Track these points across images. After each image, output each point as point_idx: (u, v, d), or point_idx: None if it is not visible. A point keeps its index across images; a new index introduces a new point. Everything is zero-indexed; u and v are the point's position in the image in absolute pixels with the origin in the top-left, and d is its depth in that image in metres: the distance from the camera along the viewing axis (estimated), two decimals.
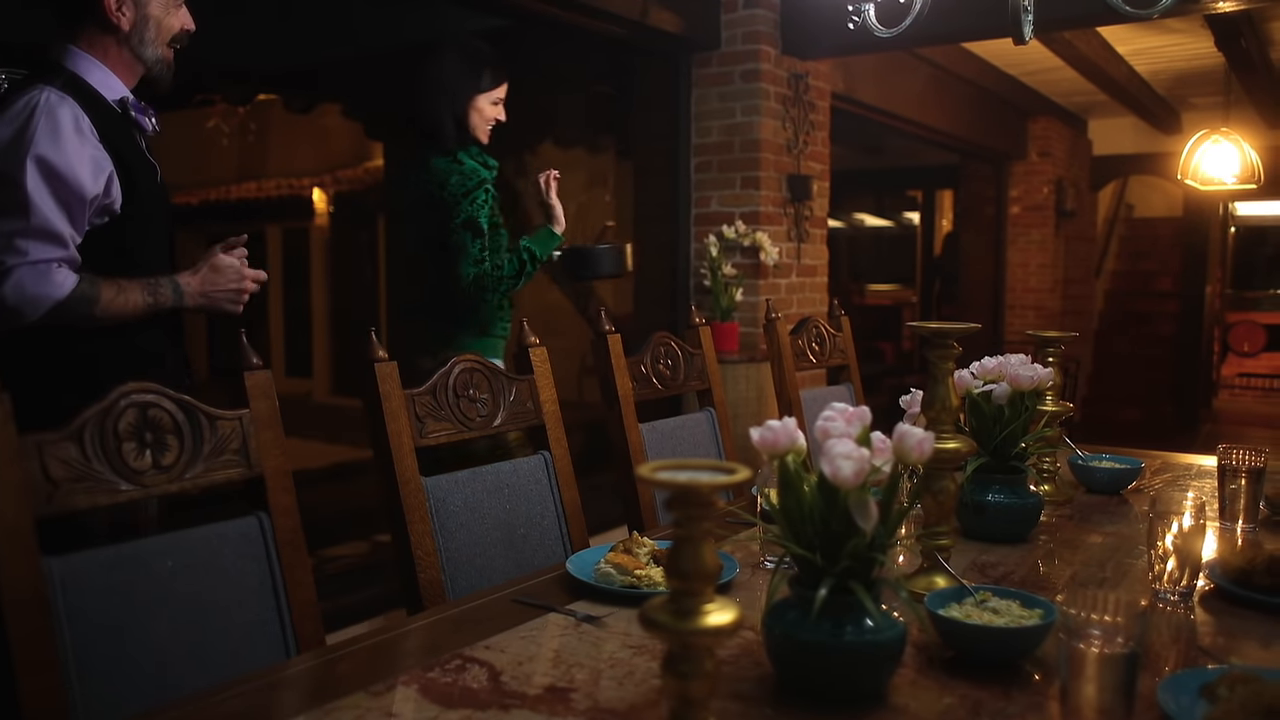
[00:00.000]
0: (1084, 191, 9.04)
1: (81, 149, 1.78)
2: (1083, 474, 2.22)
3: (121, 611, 1.28)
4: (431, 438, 1.75)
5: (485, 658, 1.26)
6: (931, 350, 1.48)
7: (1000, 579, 1.59)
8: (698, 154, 4.69)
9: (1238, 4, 3.91)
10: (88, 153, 1.79)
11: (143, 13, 1.90)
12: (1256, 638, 1.36)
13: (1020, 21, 1.78)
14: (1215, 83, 6.75)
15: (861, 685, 1.14)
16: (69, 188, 1.77)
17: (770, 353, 2.72)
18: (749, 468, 0.90)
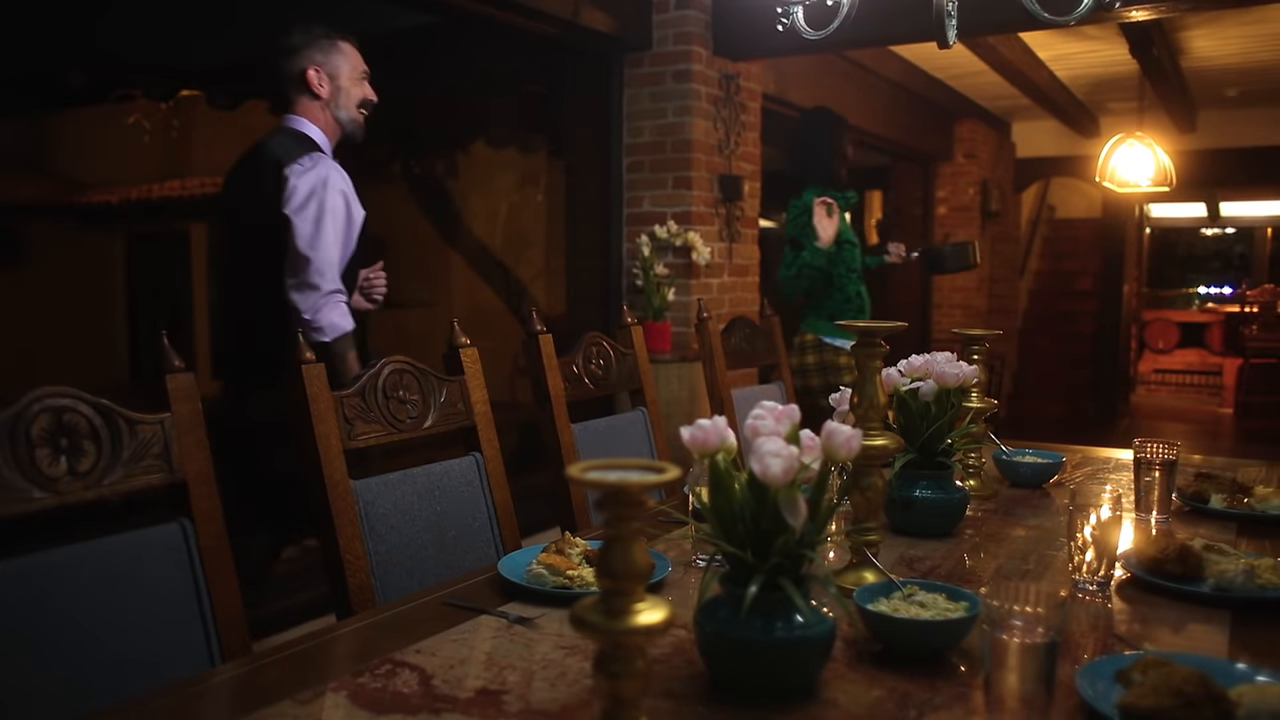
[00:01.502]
0: (1008, 193, 9.25)
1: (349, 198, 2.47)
2: (1007, 469, 2.27)
3: (35, 623, 1.24)
4: (360, 440, 1.73)
5: (416, 661, 1.25)
6: (859, 349, 1.50)
7: (927, 573, 1.62)
8: (630, 154, 4.70)
9: (1149, 14, 4.03)
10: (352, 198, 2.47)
11: (336, 84, 2.54)
12: (1169, 623, 1.41)
13: (944, 26, 1.81)
14: (1130, 89, 6.97)
15: (792, 680, 1.15)
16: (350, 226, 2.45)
17: (702, 352, 2.74)
18: (679, 467, 0.90)
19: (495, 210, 5.75)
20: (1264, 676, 1.14)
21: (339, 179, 2.43)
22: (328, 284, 2.39)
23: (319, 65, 2.53)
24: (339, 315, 2.40)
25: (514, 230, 5.76)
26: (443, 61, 5.02)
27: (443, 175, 5.84)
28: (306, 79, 2.51)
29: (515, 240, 5.73)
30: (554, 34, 4.20)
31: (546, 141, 5.57)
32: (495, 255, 5.74)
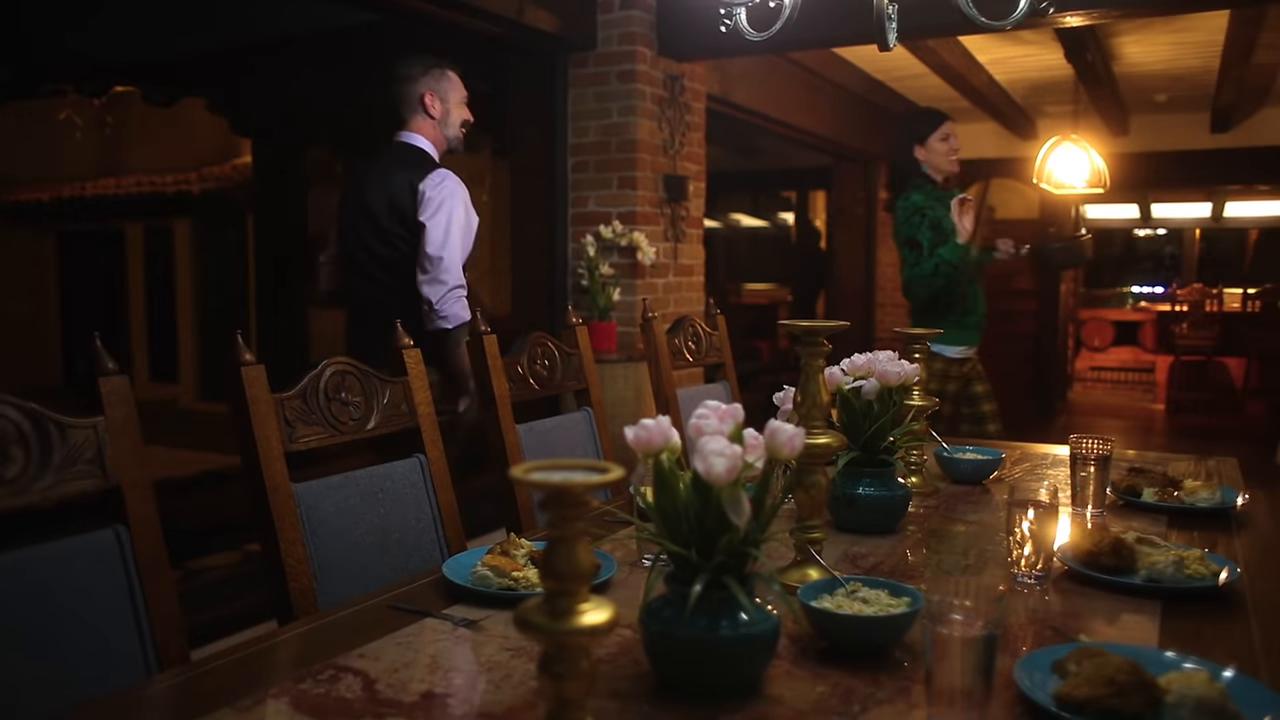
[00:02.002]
0: None
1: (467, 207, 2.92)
2: (948, 466, 2.31)
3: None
4: (302, 443, 1.70)
5: (359, 666, 1.24)
6: (802, 348, 1.52)
7: (870, 569, 1.64)
8: (575, 154, 4.69)
9: (1083, 19, 4.12)
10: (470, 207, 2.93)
11: (446, 107, 3.03)
12: (1103, 615, 1.44)
13: (884, 29, 1.83)
14: (1065, 92, 7.12)
15: (737, 678, 1.16)
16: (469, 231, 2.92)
17: (647, 352, 2.74)
18: (625, 467, 0.90)
19: None
20: (1190, 664, 1.17)
21: (461, 191, 2.90)
22: (453, 280, 2.84)
23: (433, 90, 3.02)
24: (460, 307, 2.86)
25: None
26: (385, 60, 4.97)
27: None
28: (424, 102, 3.02)
29: None
30: (498, 33, 4.18)
31: (491, 141, 5.54)
32: None
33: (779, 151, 8.64)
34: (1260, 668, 1.24)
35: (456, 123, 3.06)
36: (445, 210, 2.85)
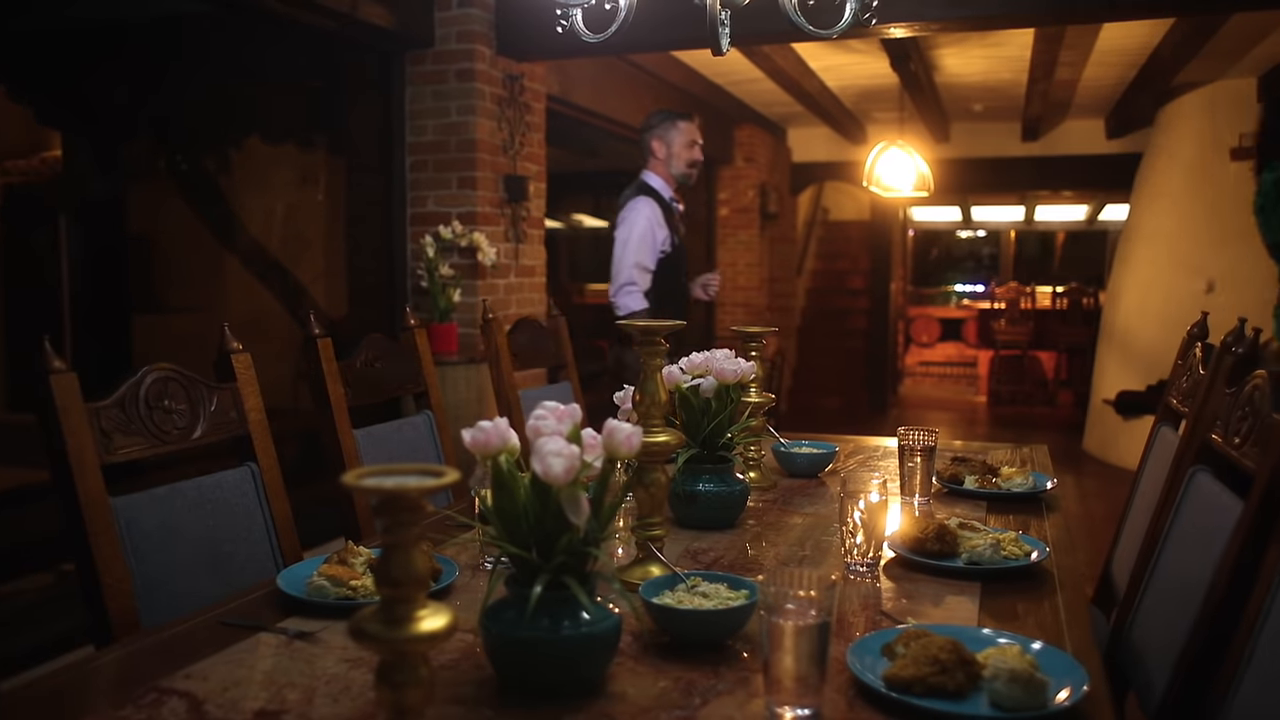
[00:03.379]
0: (785, 196, 9.68)
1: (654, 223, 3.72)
2: (784, 460, 2.38)
3: None
4: (120, 454, 1.61)
5: (185, 688, 1.18)
6: (640, 348, 1.53)
7: (711, 564, 1.67)
8: (413, 153, 4.60)
9: (905, 31, 4.32)
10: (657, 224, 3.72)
11: (671, 151, 3.84)
12: (930, 598, 1.51)
13: (717, 34, 1.87)
14: (892, 100, 7.45)
15: (580, 677, 1.16)
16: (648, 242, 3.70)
17: (488, 353, 2.72)
18: (465, 469, 0.89)
19: (272, 209, 5.49)
20: (1005, 639, 1.25)
21: (644, 211, 3.73)
22: (623, 278, 3.71)
23: (660, 138, 3.85)
24: (628, 299, 3.69)
25: (292, 230, 5.53)
26: (214, 52, 4.76)
27: (214, 172, 5.53)
28: (653, 148, 3.86)
29: (294, 241, 5.49)
30: (332, 27, 4.06)
31: (326, 139, 5.37)
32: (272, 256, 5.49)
33: (621, 152, 8.70)
34: (1065, 638, 1.33)
35: (682, 163, 3.86)
36: (626, 226, 3.73)
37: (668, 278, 3.80)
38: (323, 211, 5.25)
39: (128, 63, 4.93)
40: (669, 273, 3.80)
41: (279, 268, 5.44)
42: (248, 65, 4.92)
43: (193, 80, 4.92)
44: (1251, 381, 1.65)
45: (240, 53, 4.81)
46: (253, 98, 5.23)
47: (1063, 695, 1.10)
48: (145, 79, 5.01)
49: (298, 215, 5.43)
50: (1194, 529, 1.73)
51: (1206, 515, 1.67)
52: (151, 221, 5.10)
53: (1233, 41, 5.76)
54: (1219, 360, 1.90)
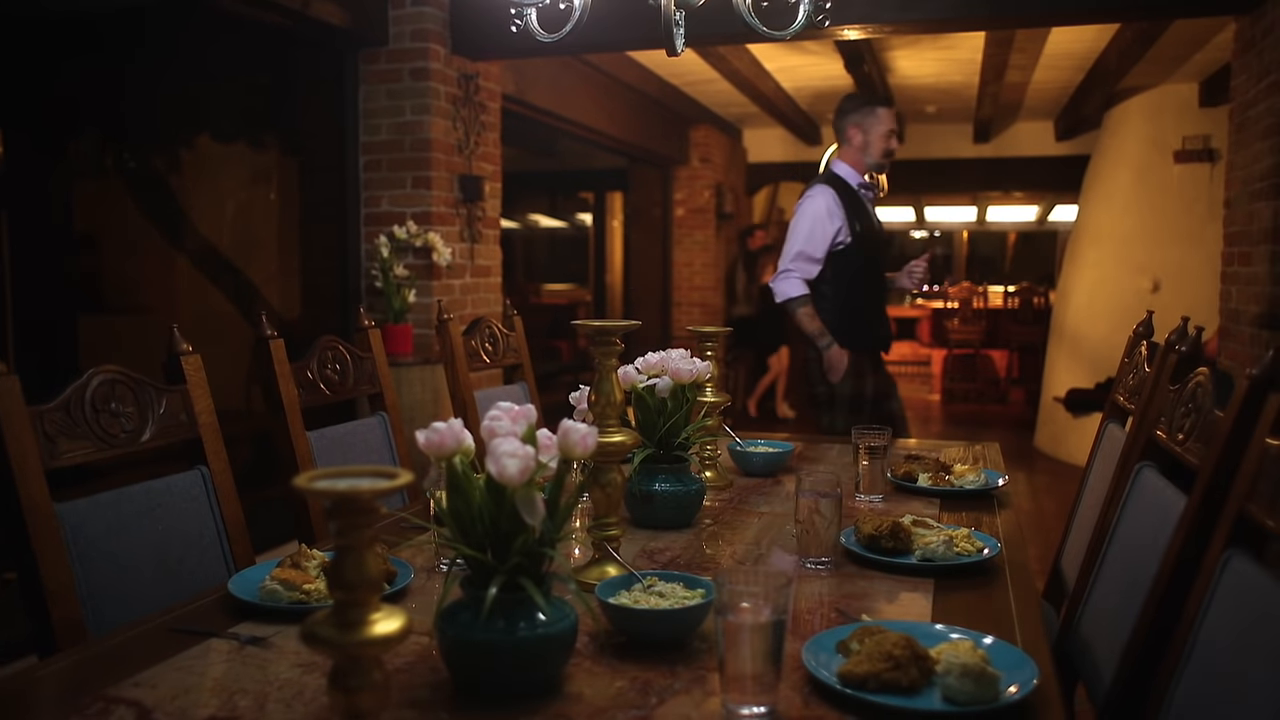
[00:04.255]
0: (741, 196, 9.73)
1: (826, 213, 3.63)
2: (740, 459, 2.39)
3: None
4: (66, 458, 1.58)
5: (134, 696, 1.16)
6: (596, 347, 1.53)
7: (667, 564, 1.68)
8: (367, 152, 4.56)
9: (858, 33, 4.37)
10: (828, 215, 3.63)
11: (868, 139, 3.72)
12: (883, 595, 1.53)
13: (672, 35, 1.87)
14: None
15: (537, 678, 1.16)
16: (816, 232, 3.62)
17: (443, 354, 2.70)
18: (418, 471, 0.89)
19: (223, 209, 5.41)
20: (957, 634, 1.27)
21: (819, 200, 3.65)
22: (785, 264, 3.68)
23: (858, 125, 3.72)
24: (789, 285, 3.66)
25: (244, 230, 5.45)
26: (164, 48, 4.68)
27: (163, 171, 5.44)
28: (848, 134, 3.75)
29: (246, 241, 5.42)
30: (285, 24, 4.01)
31: (278, 138, 5.31)
32: (224, 256, 5.41)
33: (577, 152, 8.70)
34: (1016, 632, 1.35)
35: (878, 152, 3.73)
36: (796, 214, 3.70)
37: (855, 267, 3.68)
38: (275, 211, 5.19)
39: (73, 57, 4.83)
40: (855, 261, 3.68)
41: (230, 268, 5.36)
42: (198, 62, 4.85)
43: (141, 76, 4.84)
44: (1194, 379, 1.69)
45: (190, 49, 4.74)
46: (203, 95, 5.15)
47: (1013, 689, 1.12)
48: (92, 74, 4.92)
49: (250, 215, 5.36)
50: (1140, 524, 1.76)
51: (1152, 510, 1.71)
52: (98, 220, 5.01)
53: (1175, 48, 5.89)
54: (1163, 358, 1.94)
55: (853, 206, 3.67)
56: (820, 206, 3.64)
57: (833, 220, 3.62)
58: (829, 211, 3.63)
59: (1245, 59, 3.96)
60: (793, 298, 3.66)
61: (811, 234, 3.63)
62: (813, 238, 3.63)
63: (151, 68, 4.80)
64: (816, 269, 3.65)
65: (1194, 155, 6.89)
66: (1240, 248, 3.96)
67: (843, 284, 3.68)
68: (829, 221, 3.62)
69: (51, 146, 5.29)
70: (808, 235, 3.64)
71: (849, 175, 3.74)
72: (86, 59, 4.86)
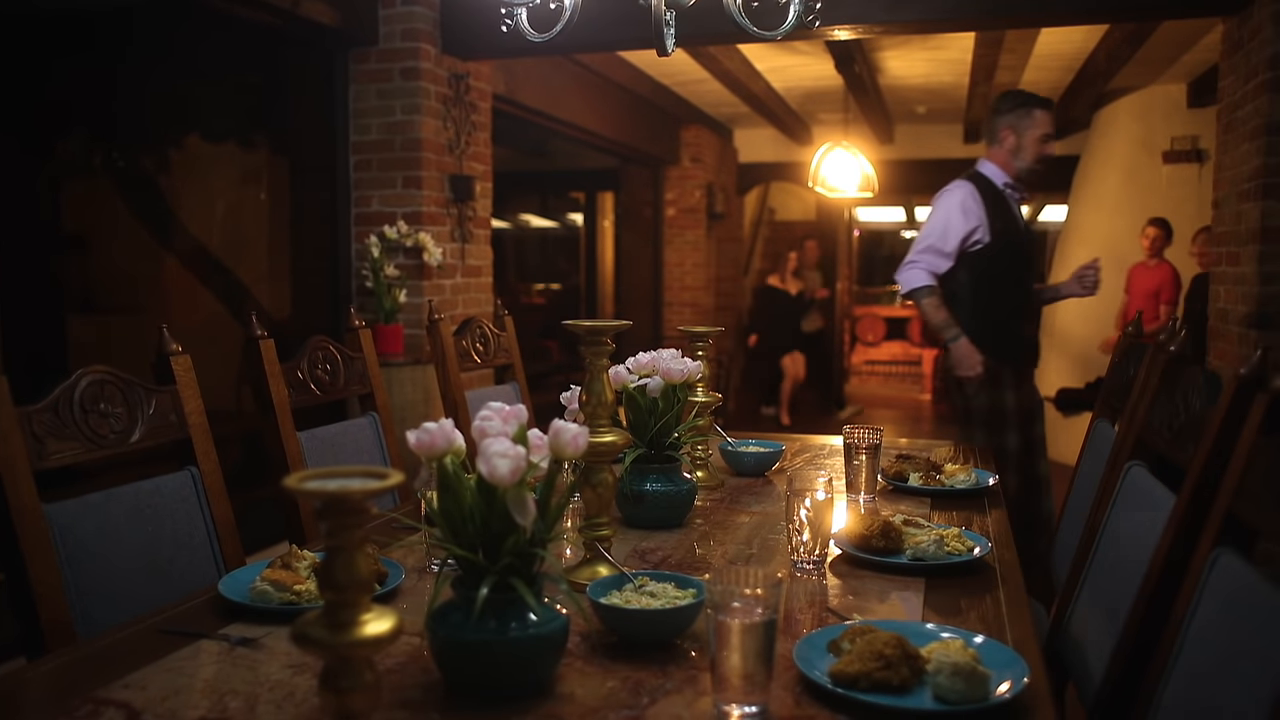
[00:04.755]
0: (732, 196, 9.73)
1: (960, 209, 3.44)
2: (732, 459, 2.39)
3: None
4: (54, 459, 1.57)
5: (124, 698, 1.15)
6: (586, 348, 1.53)
7: (659, 563, 1.68)
8: (357, 152, 4.55)
9: (848, 34, 4.37)
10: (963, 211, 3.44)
11: (1021, 142, 3.49)
12: (875, 594, 1.53)
13: (663, 35, 1.87)
14: (837, 101, 7.52)
15: (528, 678, 1.16)
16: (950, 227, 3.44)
17: (434, 354, 2.70)
18: (409, 471, 0.88)
19: (213, 208, 5.40)
20: (948, 633, 1.27)
21: (956, 197, 3.48)
22: (912, 256, 3.53)
23: (1011, 126, 3.50)
24: (913, 276, 3.50)
25: (234, 230, 5.43)
26: (153, 47, 4.66)
27: (152, 170, 5.42)
28: (1001, 134, 3.52)
29: (236, 240, 5.40)
30: (275, 24, 4.00)
31: (269, 137, 5.29)
32: (214, 256, 5.40)
33: (568, 152, 8.70)
34: (1006, 631, 1.36)
35: (1030, 157, 3.50)
36: (934, 206, 3.55)
37: (994, 271, 3.47)
38: (265, 211, 5.17)
39: (62, 56, 4.81)
40: (994, 265, 3.46)
41: (220, 268, 5.35)
42: (188, 61, 4.83)
43: (130, 75, 4.82)
44: (1184, 378, 1.70)
45: (180, 48, 4.72)
46: (193, 95, 5.13)
47: (1004, 687, 1.13)
48: (81, 73, 4.90)
49: (240, 215, 5.34)
50: (1130, 523, 1.77)
51: (1141, 509, 1.71)
52: (87, 220, 4.99)
53: (1164, 49, 5.92)
54: (1153, 358, 1.95)
55: (995, 206, 3.47)
56: (955, 201, 3.47)
57: (968, 217, 3.44)
58: (964, 208, 3.45)
59: (1233, 60, 3.98)
60: (917, 288, 3.49)
61: (945, 228, 3.45)
62: (945, 232, 3.45)
63: (141, 67, 4.78)
64: (946, 264, 3.47)
65: (1182, 156, 6.92)
66: (1228, 248, 3.98)
67: (980, 288, 3.47)
68: (963, 218, 3.44)
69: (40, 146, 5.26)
70: (940, 229, 3.46)
71: (995, 175, 3.53)
72: (75, 58, 4.84)
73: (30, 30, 4.70)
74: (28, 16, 4.61)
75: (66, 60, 4.90)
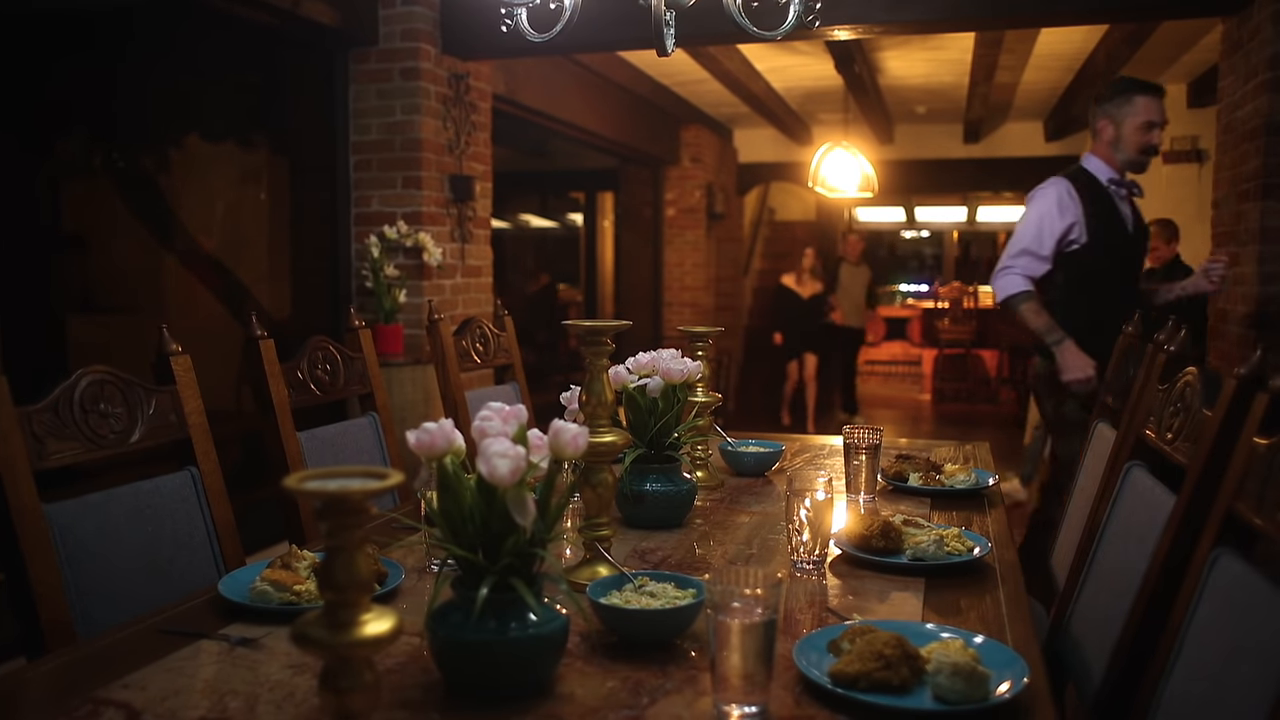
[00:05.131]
0: (731, 196, 9.73)
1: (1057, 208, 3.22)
2: (731, 459, 2.39)
3: None
4: (54, 459, 1.57)
5: (123, 698, 1.15)
6: (586, 348, 1.53)
7: (659, 564, 1.67)
8: (357, 152, 4.55)
9: (848, 34, 4.37)
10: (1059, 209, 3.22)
11: (1120, 132, 3.24)
12: (875, 594, 1.53)
13: (663, 35, 1.87)
14: (837, 101, 7.53)
15: (528, 678, 1.16)
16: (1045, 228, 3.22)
17: (434, 354, 2.70)
18: (409, 471, 0.88)
19: (213, 208, 5.40)
20: (947, 633, 1.27)
21: (1050, 196, 3.26)
22: (1006, 260, 3.30)
23: (1109, 116, 3.27)
24: (1008, 282, 3.27)
25: (234, 230, 5.44)
26: (153, 46, 4.66)
27: (152, 170, 5.42)
28: (1098, 127, 3.30)
29: (236, 241, 5.41)
30: (274, 24, 4.00)
31: (268, 137, 5.30)
32: (214, 256, 5.40)
33: (568, 152, 8.70)
34: (1006, 631, 1.36)
35: (1132, 148, 3.24)
36: (1027, 207, 3.32)
37: (1094, 273, 3.24)
38: (265, 211, 5.17)
39: (62, 55, 4.81)
40: (1095, 267, 3.23)
41: (220, 268, 5.35)
42: (187, 61, 4.83)
43: (130, 75, 4.82)
44: (1183, 378, 1.70)
45: (180, 48, 4.72)
46: (193, 94, 5.13)
47: (1004, 687, 1.12)
48: (81, 72, 4.90)
49: (239, 215, 5.34)
50: (1129, 523, 1.77)
51: (1141, 510, 1.71)
52: (87, 220, 4.99)
53: (1163, 49, 5.92)
54: (1152, 358, 1.95)
55: (1096, 203, 3.23)
56: (1051, 200, 3.24)
57: (1064, 215, 3.22)
58: (1060, 206, 3.22)
59: (1233, 60, 3.98)
60: (1013, 294, 3.27)
61: (1039, 230, 3.24)
62: (1040, 234, 3.24)
63: (140, 66, 4.78)
64: (1043, 268, 3.25)
65: (1182, 156, 6.92)
66: (1228, 248, 3.98)
67: (1078, 292, 3.25)
68: (1059, 217, 3.22)
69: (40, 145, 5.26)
70: (1035, 231, 3.25)
71: (1099, 170, 3.29)
72: (75, 57, 4.83)
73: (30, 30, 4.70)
74: (27, 16, 4.61)
75: (66, 60, 4.90)
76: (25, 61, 4.85)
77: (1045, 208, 3.25)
